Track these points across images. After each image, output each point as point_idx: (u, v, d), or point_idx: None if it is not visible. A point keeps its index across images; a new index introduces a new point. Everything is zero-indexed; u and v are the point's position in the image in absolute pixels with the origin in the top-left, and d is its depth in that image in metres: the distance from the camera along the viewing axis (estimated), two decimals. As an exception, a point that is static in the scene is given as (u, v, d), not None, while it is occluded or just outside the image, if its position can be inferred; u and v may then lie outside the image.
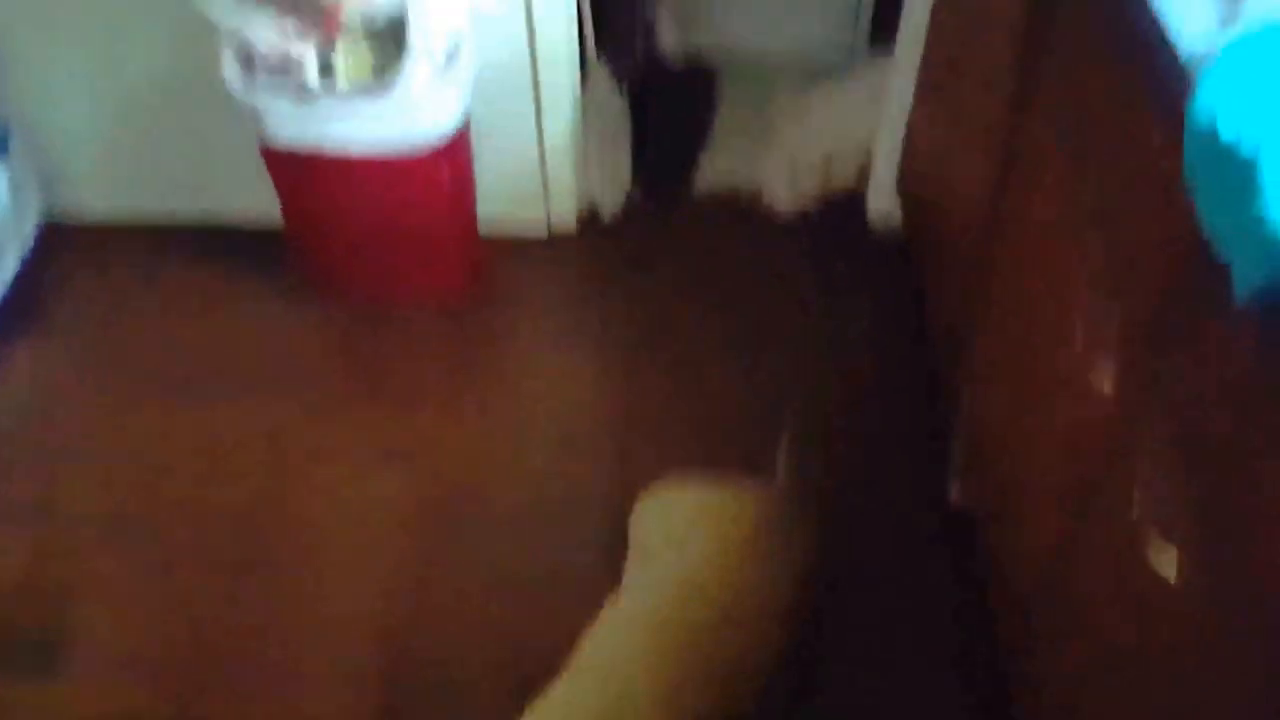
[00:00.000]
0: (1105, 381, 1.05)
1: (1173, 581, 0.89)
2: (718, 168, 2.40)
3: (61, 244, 2.23)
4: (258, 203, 2.09)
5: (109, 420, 1.94)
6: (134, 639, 1.64)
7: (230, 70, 1.80)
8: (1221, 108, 0.85)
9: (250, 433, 1.91)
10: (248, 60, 1.81)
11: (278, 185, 1.98)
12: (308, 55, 1.76)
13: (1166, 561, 0.90)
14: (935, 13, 1.87)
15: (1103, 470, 1.08)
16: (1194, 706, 0.88)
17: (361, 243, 2.03)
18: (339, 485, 1.83)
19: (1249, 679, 0.80)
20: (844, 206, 2.31)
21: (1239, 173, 0.81)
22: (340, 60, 1.78)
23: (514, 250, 2.25)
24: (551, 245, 2.27)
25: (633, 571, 1.58)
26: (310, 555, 1.73)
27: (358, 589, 1.69)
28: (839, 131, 2.29)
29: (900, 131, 2.10)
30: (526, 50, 2.01)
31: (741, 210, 2.30)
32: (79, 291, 2.17)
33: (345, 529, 1.77)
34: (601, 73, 2.28)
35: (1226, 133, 0.84)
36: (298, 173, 1.92)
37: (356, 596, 1.68)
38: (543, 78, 2.05)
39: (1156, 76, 0.97)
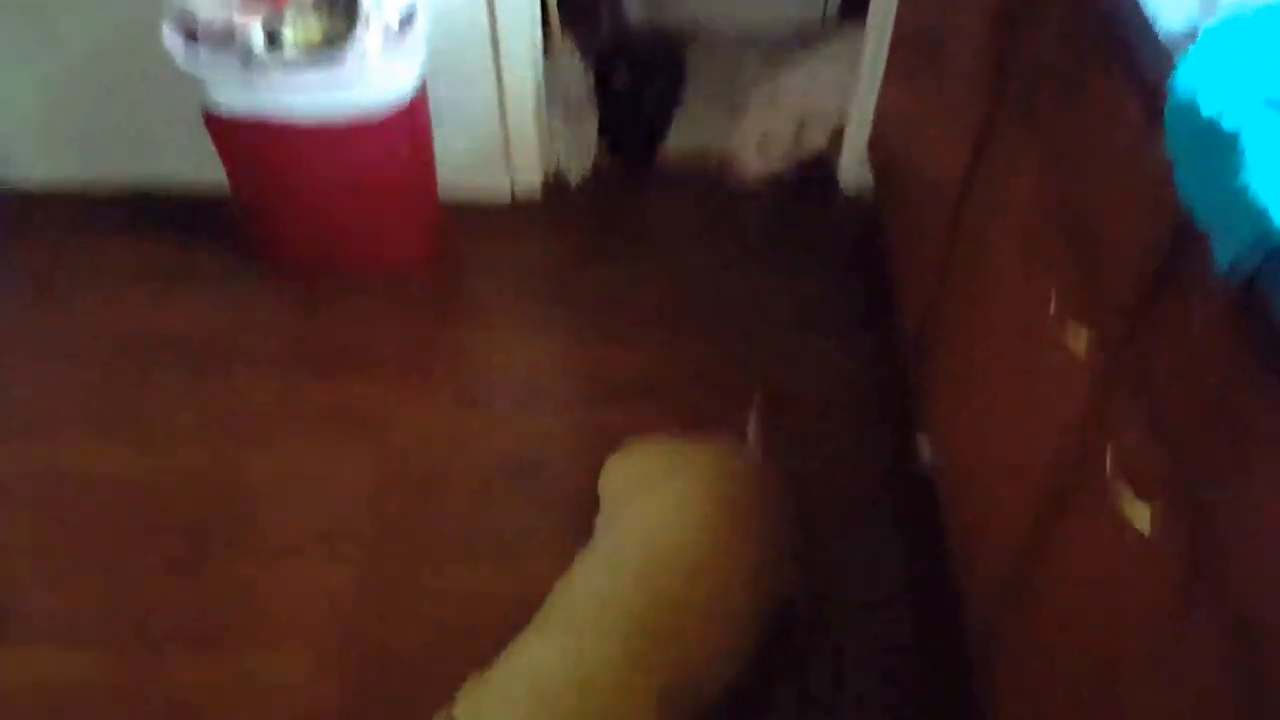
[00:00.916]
0: (1079, 344, 1.07)
1: (1146, 535, 0.91)
2: (687, 136, 2.38)
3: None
4: (202, 169, 2.00)
5: (47, 388, 1.88)
6: (80, 606, 1.59)
7: (172, 40, 1.71)
8: (1203, 83, 0.87)
9: (200, 405, 1.86)
10: (190, 29, 1.73)
11: (222, 153, 1.89)
12: (253, 24, 1.69)
13: (1140, 517, 0.92)
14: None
15: (1077, 428, 1.10)
16: (1162, 660, 0.91)
17: (315, 211, 1.96)
18: (295, 457, 1.78)
19: (1219, 639, 0.83)
20: (816, 169, 2.30)
21: (1221, 146, 0.83)
22: (288, 29, 1.72)
23: (477, 216, 2.21)
24: (516, 211, 2.24)
25: (604, 523, 1.57)
26: (266, 527, 1.69)
27: (316, 561, 1.64)
28: (811, 98, 2.28)
29: (872, 99, 2.10)
30: (486, 17, 1.97)
31: (711, 176, 2.29)
32: (13, 260, 2.09)
33: (303, 500, 1.72)
34: (566, 43, 2.25)
35: (1208, 107, 0.86)
36: (245, 140, 1.82)
37: (315, 568, 1.63)
38: (503, 45, 2.01)
39: (1136, 55, 0.98)
